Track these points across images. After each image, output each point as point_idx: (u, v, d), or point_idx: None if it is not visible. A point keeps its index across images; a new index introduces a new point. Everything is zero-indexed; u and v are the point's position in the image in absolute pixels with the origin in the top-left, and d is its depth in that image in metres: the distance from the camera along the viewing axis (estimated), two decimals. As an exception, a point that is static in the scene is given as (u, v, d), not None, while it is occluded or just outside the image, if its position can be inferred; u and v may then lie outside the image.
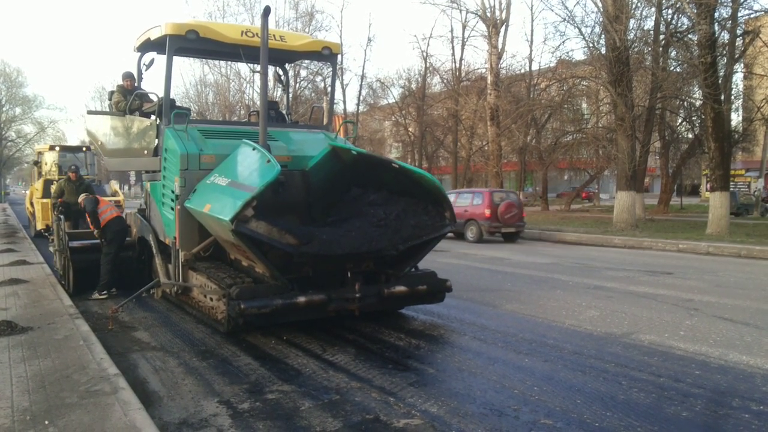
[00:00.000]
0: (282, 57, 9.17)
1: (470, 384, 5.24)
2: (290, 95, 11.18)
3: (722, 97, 18.73)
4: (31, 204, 21.56)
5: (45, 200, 19.19)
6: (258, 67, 7.19)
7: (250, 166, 6.54)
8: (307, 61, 29.66)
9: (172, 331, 7.23)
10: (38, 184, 20.70)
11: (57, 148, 22.00)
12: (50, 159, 21.39)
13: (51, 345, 5.97)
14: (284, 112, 10.18)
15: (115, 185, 21.56)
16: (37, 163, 22.75)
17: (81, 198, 9.64)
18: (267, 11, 6.74)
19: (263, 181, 5.90)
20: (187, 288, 7.57)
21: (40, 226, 19.77)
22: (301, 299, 6.27)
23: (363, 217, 6.70)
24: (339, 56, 8.88)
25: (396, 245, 6.48)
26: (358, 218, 6.69)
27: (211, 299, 6.85)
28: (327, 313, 6.55)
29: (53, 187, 18.86)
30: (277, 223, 5.99)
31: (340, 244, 6.22)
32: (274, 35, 7.92)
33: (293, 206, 7.03)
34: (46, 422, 4.04)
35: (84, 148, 23.28)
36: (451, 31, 49.22)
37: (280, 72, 10.01)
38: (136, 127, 8.65)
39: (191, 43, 7.69)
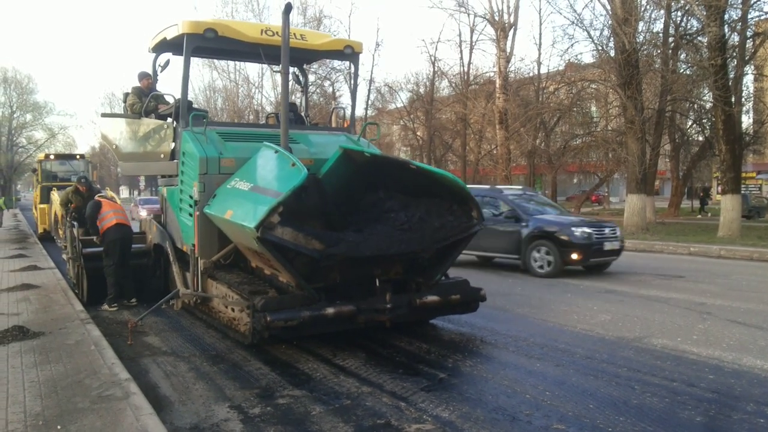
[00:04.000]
0: (302, 56, 8.90)
1: (481, 389, 5.22)
2: (308, 97, 10.81)
3: (733, 100, 18.59)
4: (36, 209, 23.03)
5: (43, 206, 20.79)
6: (278, 67, 6.99)
7: (274, 170, 6.32)
8: (315, 66, 29.74)
9: (182, 335, 7.25)
10: (37, 191, 22.38)
11: (52, 157, 23.67)
12: (46, 167, 22.79)
13: (63, 350, 6.00)
14: (303, 114, 9.89)
15: (111, 192, 22.03)
16: (34, 171, 24.24)
17: (98, 198, 9.39)
18: (288, 8, 6.50)
19: (290, 185, 5.62)
20: (206, 298, 7.35)
21: (39, 230, 21.31)
22: (330, 310, 5.95)
23: (385, 222, 6.37)
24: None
25: (425, 247, 6.22)
26: (379, 223, 6.36)
27: (233, 310, 6.57)
28: (356, 324, 6.23)
29: (53, 194, 19.86)
30: (302, 229, 5.70)
31: (367, 245, 5.94)
32: (294, 34, 7.68)
33: (312, 212, 6.64)
34: (59, 427, 4.05)
35: (78, 156, 25.04)
36: (459, 35, 49.19)
37: (299, 73, 9.71)
38: (152, 130, 8.43)
39: (209, 42, 7.43)
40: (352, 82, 9.21)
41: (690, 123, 31.33)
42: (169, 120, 8.07)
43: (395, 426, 4.38)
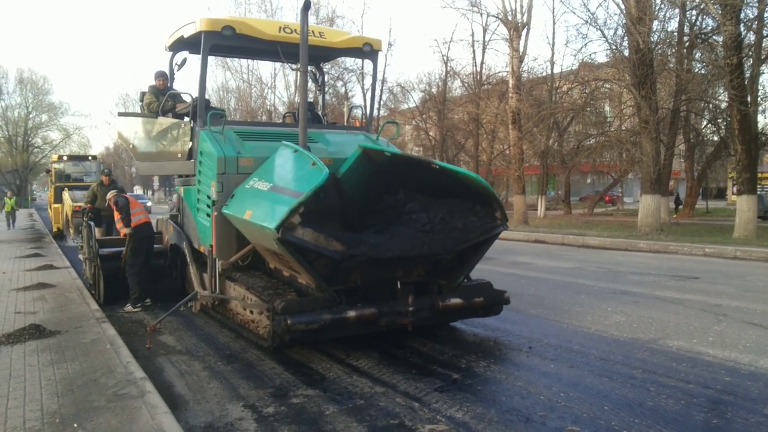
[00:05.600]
0: (321, 54, 8.77)
1: (495, 389, 5.21)
2: (326, 96, 10.62)
3: (749, 99, 18.39)
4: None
5: (57, 205, 21.98)
6: (296, 65, 6.87)
7: (294, 170, 6.23)
8: (327, 66, 29.80)
9: (196, 334, 7.29)
10: (51, 191, 23.60)
11: (65, 158, 24.71)
12: (59, 168, 23.81)
13: (78, 348, 6.06)
14: (320, 113, 9.73)
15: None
16: (48, 172, 25.50)
17: (111, 194, 9.24)
18: (307, 5, 6.40)
19: (311, 185, 5.47)
20: (224, 300, 7.28)
21: (54, 229, 22.59)
22: (351, 314, 5.83)
23: (406, 223, 6.21)
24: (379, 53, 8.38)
25: (448, 248, 6.07)
26: (400, 225, 6.20)
27: (252, 312, 6.49)
28: (378, 328, 6.11)
29: (64, 194, 20.68)
30: (323, 230, 5.56)
31: (389, 247, 5.79)
32: (313, 31, 7.58)
33: (331, 212, 6.47)
34: (75, 425, 4.09)
35: (90, 157, 26.20)
36: (472, 34, 49.34)
37: (316, 71, 9.56)
38: (169, 130, 8.38)
39: (227, 40, 7.30)
40: (371, 80, 8.99)
41: (705, 123, 31.08)
42: (187, 119, 8.00)
43: (409, 426, 4.38)
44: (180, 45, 8.30)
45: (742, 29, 18.40)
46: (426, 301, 6.31)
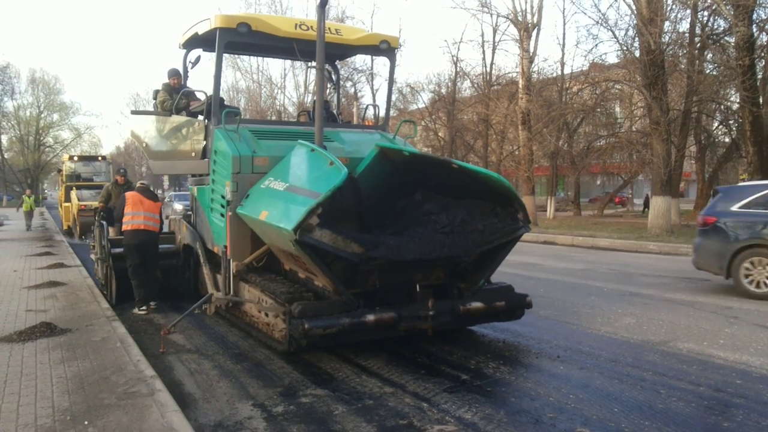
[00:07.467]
0: (337, 52, 8.55)
1: (505, 390, 5.19)
2: (340, 95, 10.48)
3: (761, 100, 18.30)
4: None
5: (67, 204, 22.72)
6: (312, 63, 6.80)
7: (310, 169, 6.12)
8: (338, 65, 29.82)
9: (206, 333, 7.30)
10: (62, 190, 24.47)
11: (75, 158, 25.63)
12: (70, 167, 24.58)
13: (89, 346, 6.10)
14: (335, 111, 9.58)
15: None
16: (59, 171, 26.48)
17: (138, 185, 9.21)
18: (324, 2, 6.30)
19: (329, 185, 5.33)
20: (238, 302, 7.09)
21: (64, 227, 23.50)
22: (370, 318, 5.67)
23: (425, 224, 6.09)
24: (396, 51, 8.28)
25: (469, 250, 5.91)
26: (419, 226, 6.08)
27: (267, 315, 6.32)
28: (397, 332, 5.94)
29: (72, 193, 21.01)
30: (341, 232, 5.40)
31: (408, 249, 5.63)
32: (329, 28, 7.45)
33: (347, 213, 6.28)
34: (86, 422, 4.12)
35: (100, 157, 27.18)
36: (482, 35, 49.21)
37: (330, 69, 9.39)
38: (183, 128, 8.27)
39: (242, 37, 7.18)
40: (388, 77, 8.84)
41: (716, 124, 30.92)
42: (201, 117, 7.92)
43: (418, 426, 4.38)
44: (194, 42, 8.20)
45: (754, 30, 18.31)
46: (446, 305, 6.16)
